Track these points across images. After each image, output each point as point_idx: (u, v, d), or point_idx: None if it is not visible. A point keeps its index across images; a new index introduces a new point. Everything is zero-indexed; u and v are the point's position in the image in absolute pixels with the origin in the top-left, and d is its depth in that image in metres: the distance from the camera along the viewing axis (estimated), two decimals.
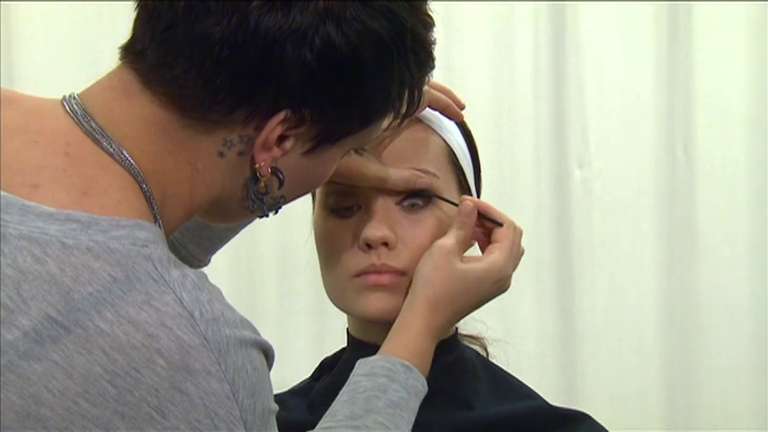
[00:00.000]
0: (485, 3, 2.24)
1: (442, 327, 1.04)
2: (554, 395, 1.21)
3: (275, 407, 0.82)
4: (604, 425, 1.14)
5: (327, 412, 0.96)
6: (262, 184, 0.88)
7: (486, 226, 1.10)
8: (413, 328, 1.02)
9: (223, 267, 2.07)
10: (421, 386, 0.99)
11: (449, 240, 1.05)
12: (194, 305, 0.76)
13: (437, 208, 1.09)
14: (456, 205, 1.09)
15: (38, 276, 0.74)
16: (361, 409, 0.95)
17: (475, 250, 1.11)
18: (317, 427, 0.95)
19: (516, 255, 1.09)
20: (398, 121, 0.93)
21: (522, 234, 1.11)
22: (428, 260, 1.05)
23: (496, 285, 1.06)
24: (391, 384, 0.97)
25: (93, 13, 2.06)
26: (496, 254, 1.07)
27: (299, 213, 1.35)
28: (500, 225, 1.09)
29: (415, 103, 0.92)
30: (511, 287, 1.12)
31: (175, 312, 0.75)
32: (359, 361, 1.00)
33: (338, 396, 0.97)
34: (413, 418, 0.97)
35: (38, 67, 2.08)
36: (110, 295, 0.74)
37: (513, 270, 1.09)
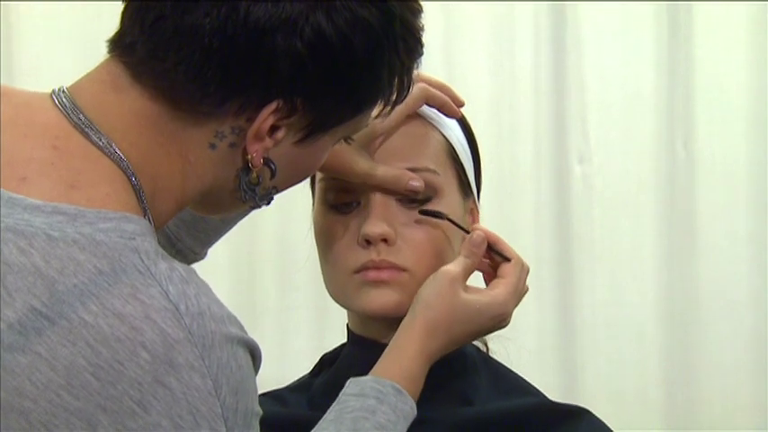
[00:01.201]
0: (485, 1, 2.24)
1: (437, 352, 1.03)
2: (554, 391, 1.22)
3: (259, 410, 0.81)
4: (604, 420, 1.14)
5: (314, 429, 0.96)
6: (254, 175, 0.87)
7: (493, 258, 1.10)
8: (408, 350, 1.01)
9: (223, 263, 2.07)
10: (410, 409, 0.99)
11: (455, 268, 1.05)
12: (180, 298, 0.75)
13: (437, 204, 1.09)
14: (465, 231, 1.09)
15: (23, 268, 0.74)
16: (347, 429, 0.94)
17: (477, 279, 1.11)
18: None
19: (520, 292, 1.09)
20: (389, 108, 0.93)
21: (528, 272, 1.11)
22: (432, 284, 1.04)
23: (495, 320, 1.06)
24: (380, 406, 0.96)
25: (94, 10, 2.05)
26: (500, 289, 1.07)
27: (299, 209, 1.35)
28: (508, 260, 1.09)
29: (405, 89, 0.92)
30: None
31: (161, 305, 0.74)
32: (349, 380, 1.00)
33: (326, 414, 0.97)
34: None
35: (37, 61, 2.08)
36: (95, 287, 0.73)
37: (515, 307, 1.09)
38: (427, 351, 1.02)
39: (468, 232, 1.09)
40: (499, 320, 1.07)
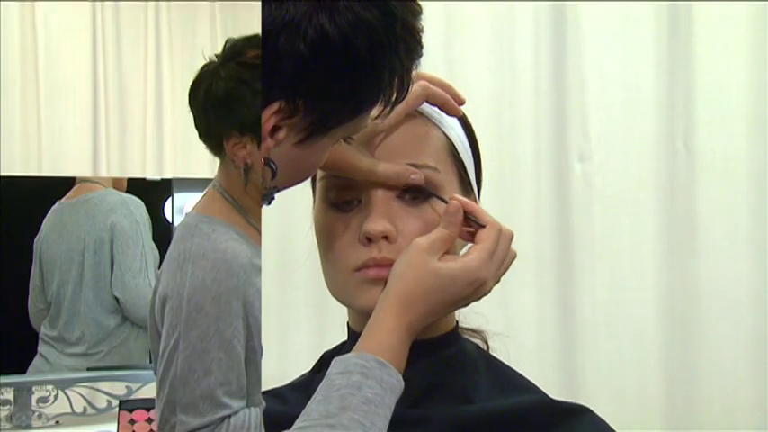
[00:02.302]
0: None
1: (416, 323, 1.02)
2: (554, 388, 1.21)
3: None
4: (604, 419, 1.14)
5: (303, 412, 0.96)
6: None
7: (473, 227, 1.09)
8: (385, 323, 1.01)
9: None
10: (396, 382, 0.98)
11: (427, 239, 1.05)
12: None
13: (437, 201, 1.09)
14: (445, 202, 1.08)
15: None
16: (335, 407, 0.94)
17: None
18: (293, 427, 0.94)
19: (499, 258, 1.06)
20: (388, 109, 0.94)
21: (511, 237, 1.08)
22: (403, 257, 1.04)
23: (471, 287, 1.04)
24: (366, 381, 0.96)
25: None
26: (473, 255, 1.05)
27: (299, 207, 1.35)
28: (483, 227, 1.08)
29: (404, 90, 0.92)
30: (511, 280, 1.11)
31: None
32: (334, 359, 1.00)
33: (313, 395, 0.97)
34: (389, 414, 0.97)
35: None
36: None
37: (498, 273, 1.07)
38: (405, 323, 1.01)
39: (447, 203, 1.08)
40: (477, 286, 1.04)
